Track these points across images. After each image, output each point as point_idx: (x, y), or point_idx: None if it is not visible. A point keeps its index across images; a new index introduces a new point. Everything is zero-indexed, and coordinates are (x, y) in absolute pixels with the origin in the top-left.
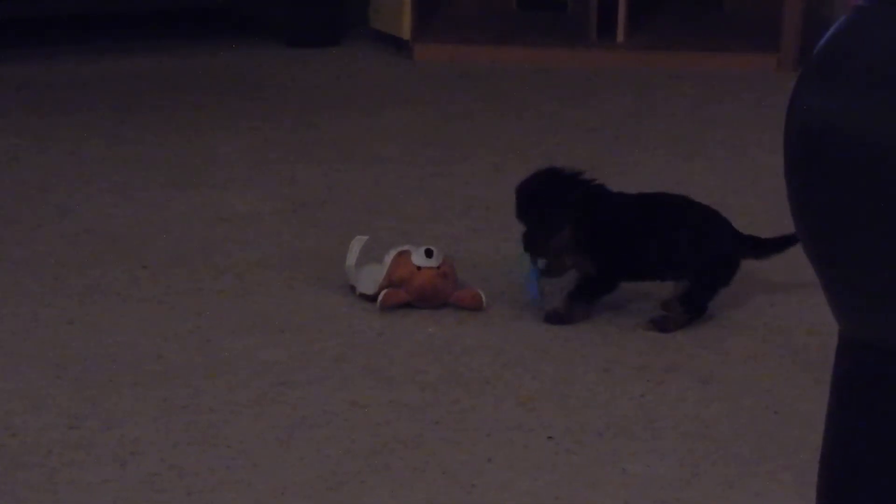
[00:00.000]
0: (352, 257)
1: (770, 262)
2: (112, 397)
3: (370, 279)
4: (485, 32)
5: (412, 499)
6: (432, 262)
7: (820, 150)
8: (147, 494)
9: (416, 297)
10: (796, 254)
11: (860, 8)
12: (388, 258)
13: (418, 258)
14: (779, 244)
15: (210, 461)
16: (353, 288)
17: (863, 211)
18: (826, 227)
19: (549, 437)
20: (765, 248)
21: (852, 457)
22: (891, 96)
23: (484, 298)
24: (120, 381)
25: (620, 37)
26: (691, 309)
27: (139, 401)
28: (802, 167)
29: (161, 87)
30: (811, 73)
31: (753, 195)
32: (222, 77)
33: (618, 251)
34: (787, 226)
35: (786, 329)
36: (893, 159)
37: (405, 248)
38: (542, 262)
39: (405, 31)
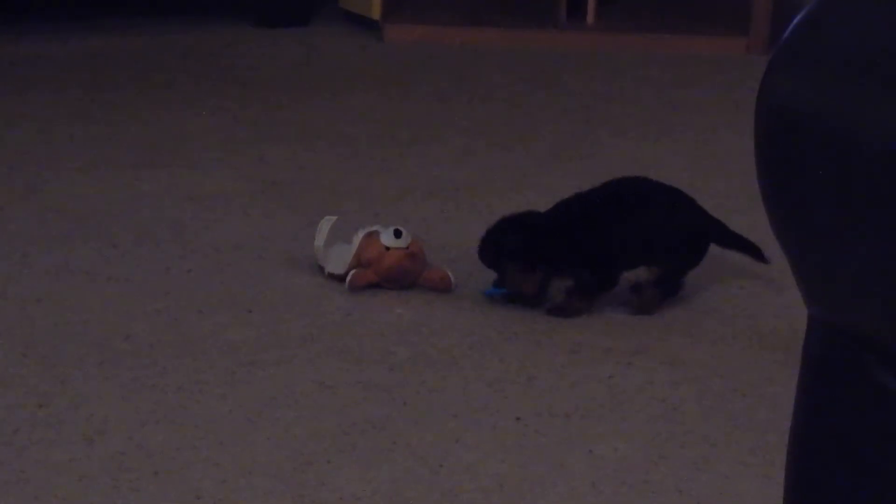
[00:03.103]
0: (320, 238)
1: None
2: (80, 376)
3: (339, 259)
4: (455, 13)
5: (379, 479)
6: (401, 243)
7: (790, 135)
8: (114, 473)
9: (384, 278)
10: (764, 238)
11: None
12: (357, 238)
13: (387, 238)
14: (740, 244)
15: (177, 440)
16: (321, 268)
17: (832, 195)
18: (796, 211)
19: (517, 419)
20: (726, 239)
21: (820, 440)
22: (861, 81)
23: (452, 279)
24: (88, 359)
25: (590, 19)
26: (667, 290)
27: (107, 379)
28: (773, 151)
29: (130, 66)
30: (781, 57)
31: (723, 178)
32: (191, 56)
33: (610, 248)
34: (756, 209)
35: (754, 312)
36: (862, 143)
37: (374, 228)
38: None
39: (375, 12)
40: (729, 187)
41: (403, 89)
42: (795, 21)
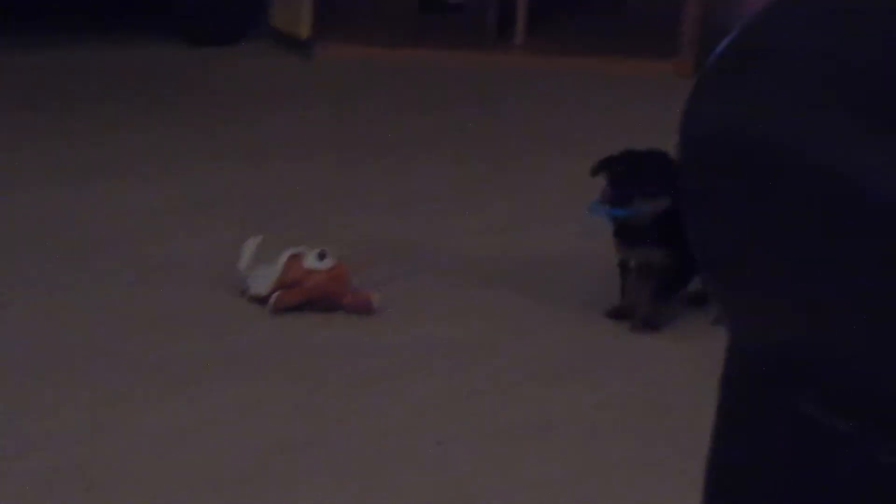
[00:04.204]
0: (245, 259)
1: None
2: (12, 391)
3: (263, 280)
4: (385, 34)
5: (303, 500)
6: (325, 265)
7: (716, 157)
8: (45, 488)
9: (307, 300)
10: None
11: (755, 16)
12: (282, 260)
13: (311, 261)
14: None
15: (108, 456)
16: (245, 290)
17: (757, 217)
18: (719, 231)
19: (439, 442)
20: None
21: (737, 462)
22: (789, 103)
23: (375, 303)
24: (20, 374)
25: (520, 39)
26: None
27: (39, 394)
28: (698, 174)
29: (64, 83)
30: (709, 80)
31: None
32: (124, 74)
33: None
34: None
35: (677, 335)
36: (791, 165)
37: (298, 250)
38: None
39: (305, 31)
40: None
41: (334, 108)
42: (722, 45)
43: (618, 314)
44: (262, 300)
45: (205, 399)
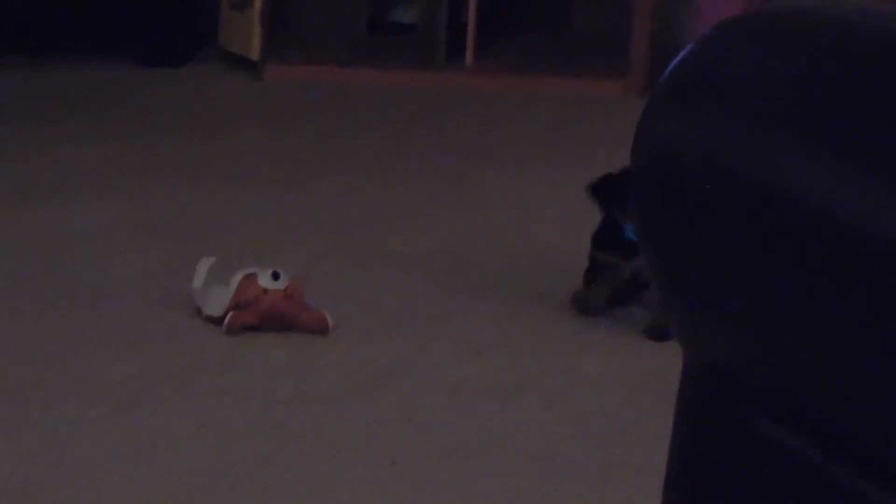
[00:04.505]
0: (198, 279)
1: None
2: None
3: (217, 301)
4: (335, 54)
5: None
6: (279, 285)
7: (669, 174)
8: None
9: (262, 320)
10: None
11: (706, 36)
12: (235, 280)
13: (265, 280)
14: None
15: (58, 479)
16: (199, 310)
17: (711, 235)
18: (672, 251)
19: (394, 461)
20: None
21: (693, 482)
22: (743, 120)
23: (330, 321)
24: None
25: (469, 59)
26: None
27: None
28: (650, 190)
29: (9, 103)
30: (659, 99)
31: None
32: (72, 94)
33: None
34: None
35: (632, 350)
36: (743, 183)
37: (252, 270)
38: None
39: (254, 52)
40: None
41: (284, 129)
42: (673, 64)
43: (584, 307)
44: (217, 321)
45: (156, 419)
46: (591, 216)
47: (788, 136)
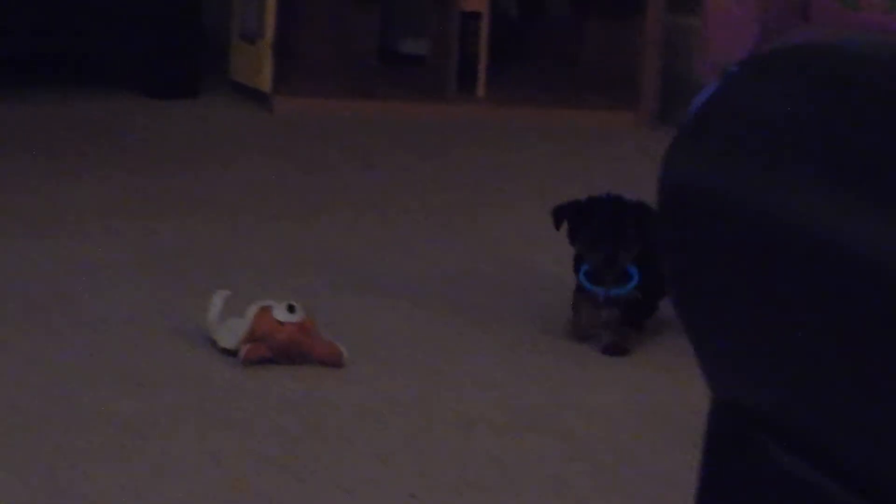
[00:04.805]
0: (213, 311)
1: (653, 325)
2: None
3: (231, 334)
4: (345, 86)
5: None
6: (294, 318)
7: (695, 212)
8: None
9: (278, 353)
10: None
11: (731, 75)
12: (250, 312)
13: (280, 313)
14: None
15: None
16: (214, 342)
17: (737, 275)
18: (700, 290)
19: (411, 495)
20: None
21: None
22: (769, 159)
23: (344, 353)
24: None
25: (480, 91)
26: None
27: None
28: (677, 229)
29: (15, 135)
30: (684, 137)
31: None
32: (80, 126)
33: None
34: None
35: (646, 387)
36: (771, 223)
37: (267, 302)
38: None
39: (265, 84)
40: None
41: (293, 161)
42: (699, 103)
43: (581, 336)
44: (231, 353)
45: (167, 453)
46: None
47: (815, 176)
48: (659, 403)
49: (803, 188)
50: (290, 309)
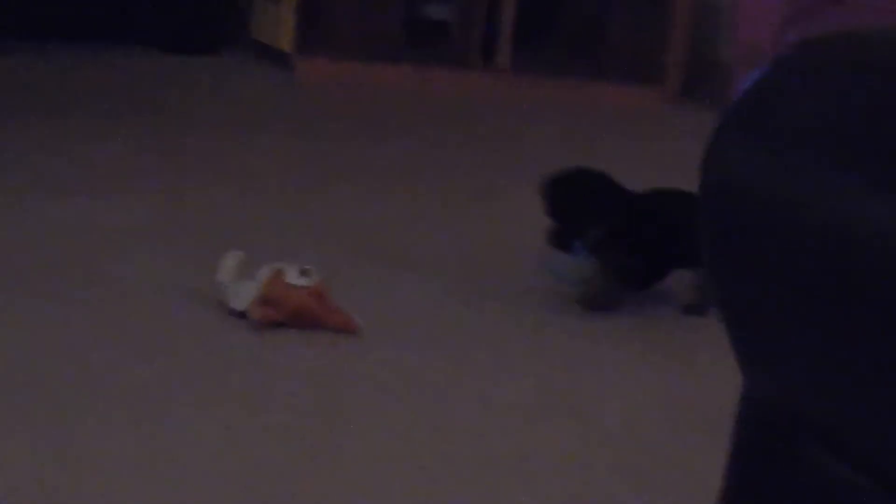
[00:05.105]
0: (224, 273)
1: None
2: None
3: (243, 296)
4: (367, 50)
5: None
6: (307, 282)
7: (738, 205)
8: None
9: (289, 317)
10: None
11: (781, 60)
12: (262, 275)
13: (293, 276)
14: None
15: (81, 483)
16: (224, 304)
17: (780, 268)
18: (741, 283)
19: (425, 469)
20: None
21: None
22: (813, 153)
23: (358, 323)
24: None
25: (504, 61)
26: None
27: (5, 417)
28: (719, 222)
29: (34, 94)
30: (731, 126)
31: None
32: (100, 83)
33: (657, 245)
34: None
35: (660, 370)
36: (814, 217)
37: (280, 265)
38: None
39: (286, 44)
40: None
41: (313, 126)
42: (746, 89)
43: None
44: (242, 315)
45: (180, 422)
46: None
47: (861, 171)
48: (678, 389)
49: (848, 183)
50: (304, 272)
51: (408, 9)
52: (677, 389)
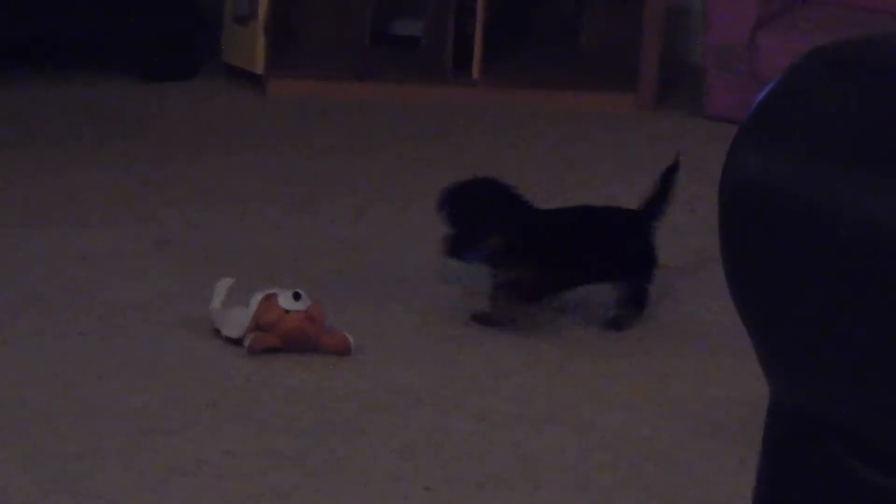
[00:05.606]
0: (217, 299)
1: (666, 316)
2: None
3: (236, 322)
4: (339, 68)
5: None
6: (300, 306)
7: (758, 211)
8: None
9: (284, 342)
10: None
11: (797, 66)
12: (255, 301)
13: (286, 301)
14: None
15: None
16: (217, 331)
17: (804, 273)
18: (763, 289)
19: (427, 488)
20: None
21: None
22: (833, 157)
23: (352, 342)
24: None
25: (476, 73)
26: (637, 307)
27: (3, 448)
28: (740, 228)
29: (13, 121)
30: (750, 130)
31: None
32: (77, 111)
33: (555, 260)
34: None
35: (660, 376)
36: (837, 221)
37: (272, 290)
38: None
39: (258, 66)
40: None
41: (290, 145)
42: (763, 94)
43: (484, 320)
44: (236, 342)
45: (178, 447)
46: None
47: (882, 172)
48: (674, 394)
49: (868, 186)
50: (296, 297)
51: (376, 25)
52: (673, 393)
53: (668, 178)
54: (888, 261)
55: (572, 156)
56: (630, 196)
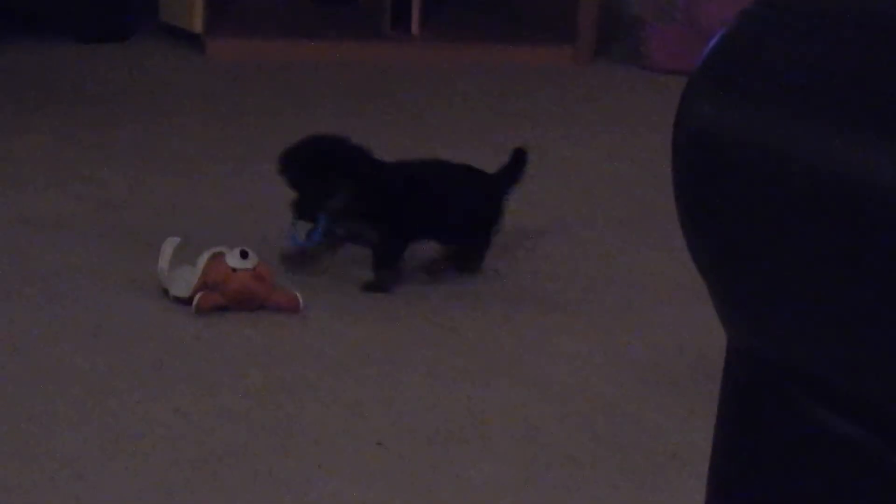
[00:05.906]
0: (164, 259)
1: (610, 268)
2: None
3: (184, 282)
4: (278, 27)
5: None
6: (247, 264)
7: (714, 160)
8: None
9: (232, 300)
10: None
11: (748, 13)
12: (202, 260)
13: (233, 260)
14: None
15: (33, 475)
16: (166, 291)
17: (760, 223)
18: (719, 239)
19: (379, 443)
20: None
21: (741, 467)
22: (789, 104)
23: (301, 300)
24: None
25: (415, 29)
26: (471, 266)
27: None
28: (695, 177)
29: None
30: (703, 81)
31: (560, 187)
32: (11, 75)
33: (402, 217)
34: (594, 218)
35: (609, 329)
36: (793, 168)
37: (219, 249)
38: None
39: (197, 25)
40: (566, 195)
41: (231, 105)
42: (714, 43)
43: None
44: (184, 301)
45: (129, 409)
46: (543, 182)
47: (833, 118)
48: (622, 345)
49: (829, 129)
50: (243, 255)
51: None
52: (626, 347)
53: (520, 156)
54: (844, 207)
55: (511, 109)
56: (572, 152)
